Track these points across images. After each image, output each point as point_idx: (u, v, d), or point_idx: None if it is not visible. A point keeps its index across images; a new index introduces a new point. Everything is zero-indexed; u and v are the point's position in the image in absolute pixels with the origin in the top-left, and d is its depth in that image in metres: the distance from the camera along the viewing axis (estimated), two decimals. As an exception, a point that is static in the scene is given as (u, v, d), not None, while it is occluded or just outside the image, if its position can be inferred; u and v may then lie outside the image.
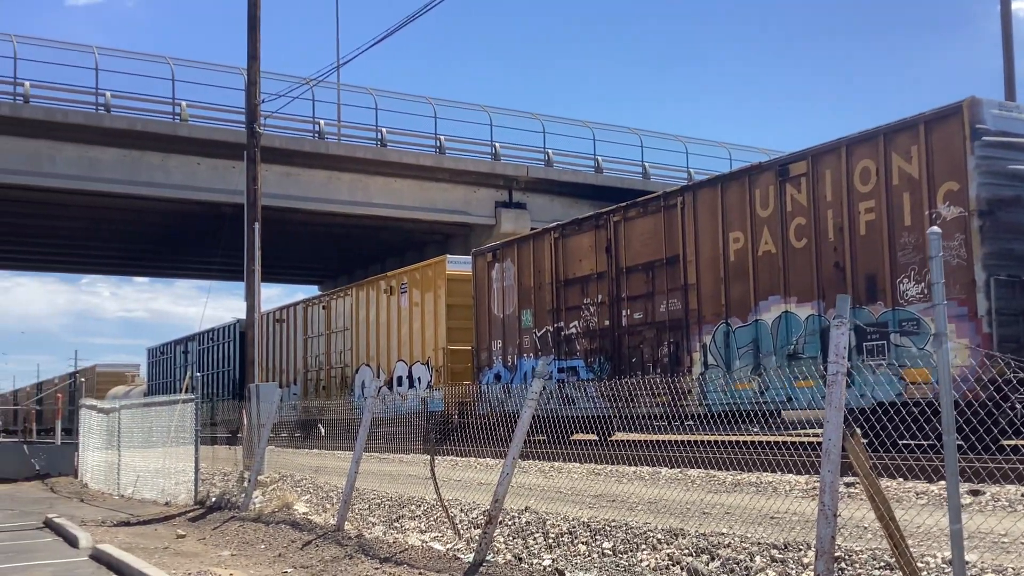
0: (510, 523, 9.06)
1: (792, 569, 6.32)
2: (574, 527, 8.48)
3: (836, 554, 5.94)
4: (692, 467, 12.52)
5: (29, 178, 29.94)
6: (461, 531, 9.22)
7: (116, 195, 31.87)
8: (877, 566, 5.99)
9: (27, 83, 29.71)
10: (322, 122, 33.70)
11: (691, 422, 16.90)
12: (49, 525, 13.12)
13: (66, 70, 33.60)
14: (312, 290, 50.04)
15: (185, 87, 32.01)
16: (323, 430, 22.31)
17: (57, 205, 33.55)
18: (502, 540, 8.54)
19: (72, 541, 11.41)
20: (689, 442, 15.96)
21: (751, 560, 6.63)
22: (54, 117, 29.63)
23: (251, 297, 17.02)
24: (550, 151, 37.38)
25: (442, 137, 35.50)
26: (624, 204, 18.51)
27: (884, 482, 9.61)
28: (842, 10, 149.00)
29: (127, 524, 13.31)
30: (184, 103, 31.73)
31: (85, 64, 30.79)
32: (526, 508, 9.54)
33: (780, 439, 14.34)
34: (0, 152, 29.35)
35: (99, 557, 10.00)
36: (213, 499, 14.64)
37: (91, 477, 20.78)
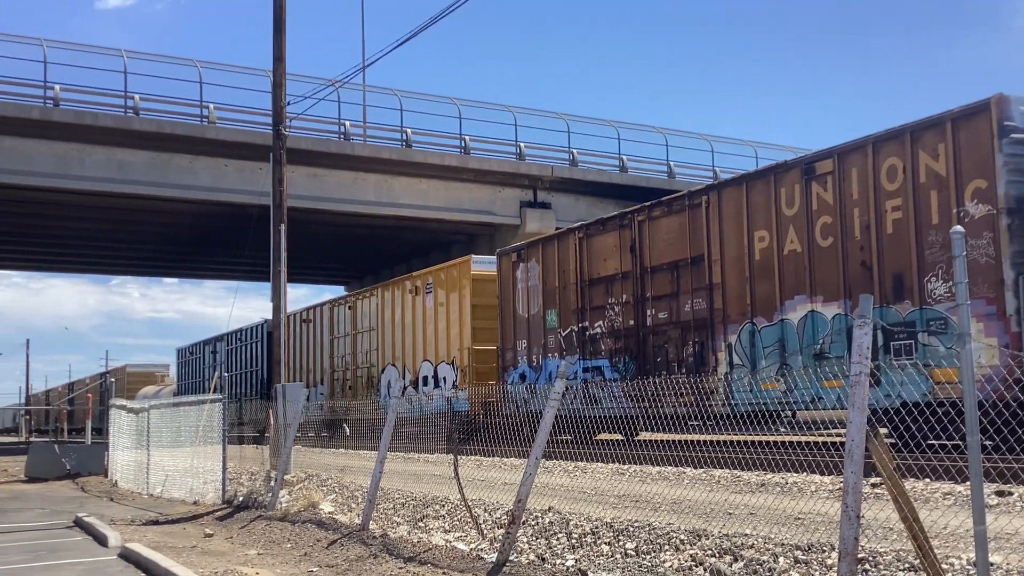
0: (534, 523, 9.08)
1: (816, 570, 6.29)
2: (597, 527, 8.48)
3: (860, 555, 5.91)
4: (717, 467, 12.48)
5: (59, 180, 30.33)
6: (485, 531, 9.25)
7: (145, 197, 32.24)
8: (901, 567, 5.95)
9: (57, 87, 30.11)
10: (347, 123, 33.89)
11: (717, 422, 16.84)
12: (79, 524, 13.27)
13: (95, 73, 33.99)
14: (339, 290, 50.35)
15: (212, 89, 32.37)
16: (347, 430, 22.42)
17: (87, 207, 33.97)
18: (525, 540, 8.56)
19: (101, 540, 11.53)
20: (715, 442, 15.92)
21: (775, 561, 6.61)
22: (84, 120, 30.01)
23: (277, 298, 17.15)
24: (575, 151, 37.38)
25: (467, 137, 35.59)
26: (648, 203, 18.47)
27: (910, 483, 9.55)
28: (867, 6, 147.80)
29: (156, 523, 13.45)
30: (212, 105, 32.05)
31: (114, 67, 31.18)
32: (550, 508, 9.55)
33: (807, 439, 14.26)
34: (31, 155, 29.77)
35: (128, 556, 10.11)
36: (240, 498, 14.76)
37: (121, 476, 21.00)
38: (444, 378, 24.41)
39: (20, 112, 29.18)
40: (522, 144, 36.46)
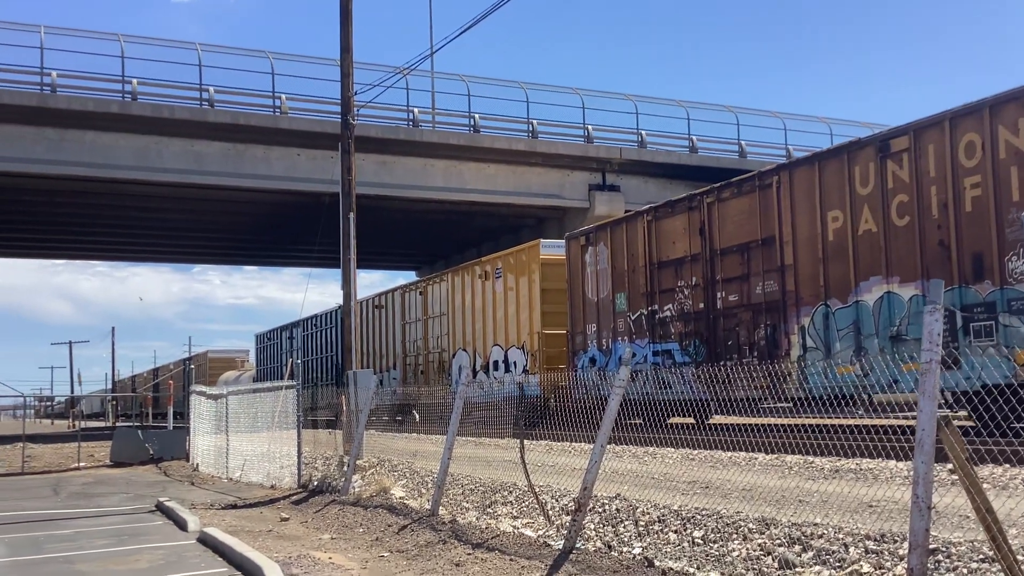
0: (601, 510, 9.07)
1: (887, 561, 6.17)
2: (664, 515, 8.43)
3: (932, 546, 5.77)
4: (789, 453, 12.30)
5: (139, 172, 31.16)
6: (552, 518, 9.27)
7: (221, 187, 32.94)
8: (975, 559, 5.79)
9: (135, 81, 30.87)
10: (416, 110, 34.08)
11: (792, 404, 16.58)
12: (160, 508, 13.68)
13: (170, 67, 34.69)
14: (411, 275, 50.81)
15: (284, 80, 32.84)
16: (416, 416, 22.65)
17: (166, 198, 34.83)
18: (592, 527, 8.56)
19: (181, 524, 11.87)
20: (787, 426, 15.68)
21: (845, 551, 6.49)
22: (161, 113, 30.75)
23: (347, 285, 17.37)
24: (643, 132, 37.03)
25: (535, 121, 35.52)
26: (718, 185, 18.21)
27: (988, 468, 9.28)
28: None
29: (234, 507, 13.79)
30: (284, 96, 32.54)
31: (189, 60, 31.83)
32: (617, 495, 9.53)
33: (882, 423, 13.96)
34: (111, 148, 30.63)
35: (206, 540, 10.39)
36: (315, 483, 15.05)
37: (201, 461, 21.56)
38: (514, 363, 24.49)
39: (100, 107, 30.01)
40: (590, 127, 36.25)
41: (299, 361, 17.49)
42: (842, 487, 8.74)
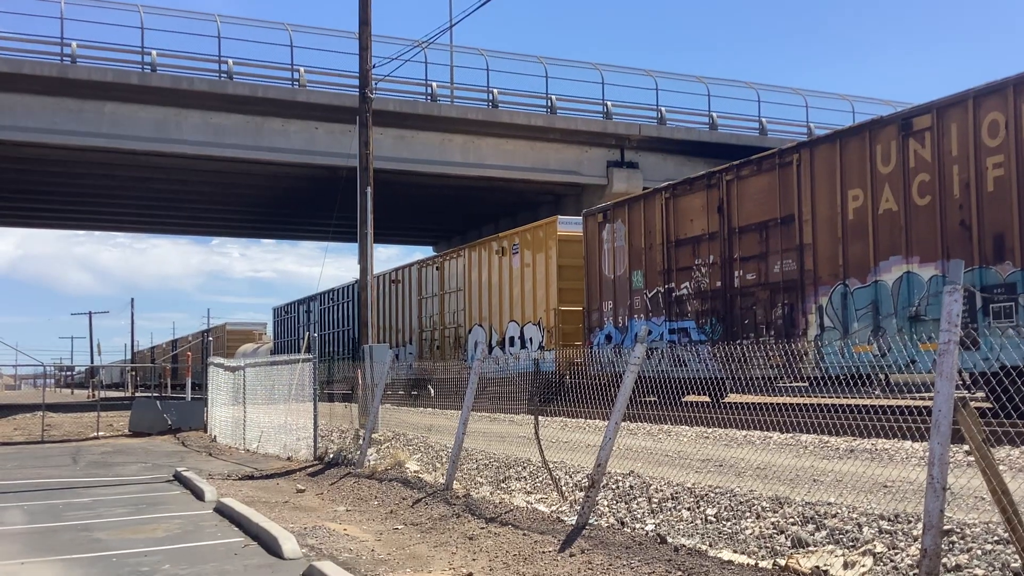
0: (614, 487, 9.08)
1: (901, 541, 6.15)
2: (678, 492, 8.44)
3: (946, 527, 5.75)
4: (805, 432, 12.26)
5: (158, 144, 31.25)
6: (566, 493, 9.30)
7: (240, 160, 33.00)
8: (990, 540, 5.77)
9: (154, 52, 30.89)
10: (434, 84, 33.98)
11: (809, 383, 16.53)
12: (178, 478, 13.81)
13: (190, 38, 34.80)
14: (428, 251, 50.86)
15: (303, 52, 32.89)
16: (432, 391, 22.72)
17: (185, 170, 34.94)
18: (606, 504, 8.58)
19: (199, 494, 11.99)
20: (803, 406, 15.63)
21: (859, 531, 6.48)
22: (180, 85, 30.78)
23: (364, 260, 17.41)
24: (663, 108, 36.79)
25: (553, 97, 35.34)
26: (737, 162, 18.09)
27: (1006, 450, 9.23)
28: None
29: (251, 478, 13.91)
30: (302, 69, 32.50)
31: (208, 32, 31.85)
32: (631, 472, 9.54)
33: (899, 403, 13.89)
34: (130, 120, 30.71)
35: (222, 510, 10.48)
36: (331, 455, 15.15)
37: (219, 432, 21.74)
38: (530, 339, 24.51)
39: (120, 78, 30.07)
40: (609, 103, 36.05)
41: (316, 335, 17.52)
42: (857, 467, 8.72)
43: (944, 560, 5.46)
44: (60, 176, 35.77)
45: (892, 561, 5.85)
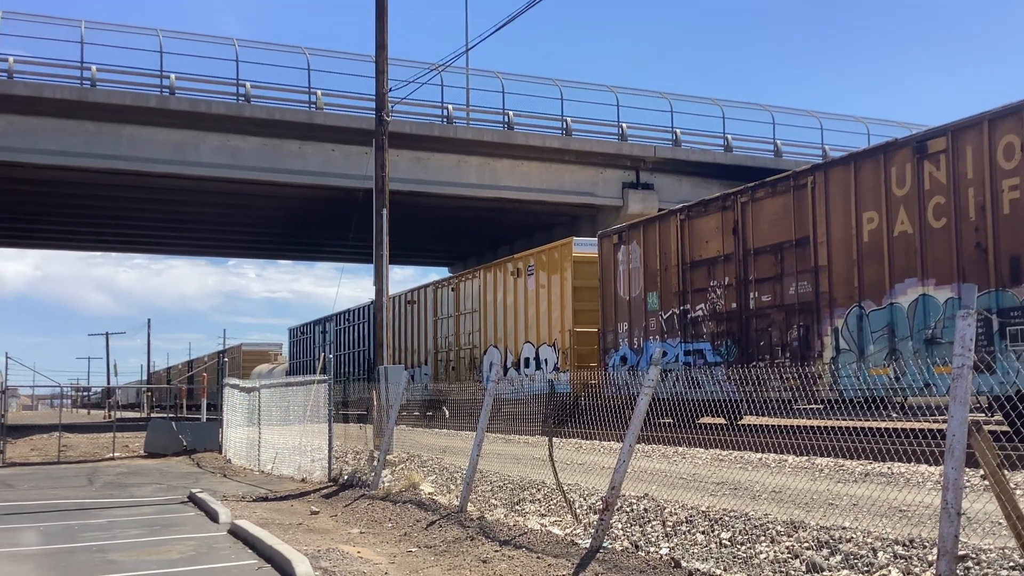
0: (628, 510, 9.06)
1: (916, 566, 6.11)
2: (692, 515, 8.41)
3: (961, 552, 5.72)
4: (820, 455, 12.20)
5: (176, 167, 31.50)
6: (580, 516, 9.28)
7: (257, 182, 33.20)
8: (1006, 566, 5.73)
9: (173, 75, 31.18)
10: (450, 107, 34.14)
11: (824, 406, 16.45)
12: (192, 500, 13.86)
13: (208, 62, 34.98)
14: (443, 272, 50.96)
15: (319, 76, 33.01)
16: (447, 412, 22.72)
17: (203, 192, 35.18)
18: (620, 527, 8.56)
19: (213, 516, 12.02)
20: (819, 428, 15.55)
21: (873, 556, 6.45)
22: (198, 108, 31.04)
23: (379, 281, 17.48)
24: (678, 130, 36.84)
25: (568, 119, 35.45)
26: (752, 184, 18.10)
27: (1021, 475, 9.16)
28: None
29: (265, 500, 13.93)
30: (319, 92, 32.73)
31: (226, 56, 32.11)
32: (645, 495, 9.52)
33: (915, 426, 13.80)
34: (149, 143, 30.99)
35: (236, 532, 10.51)
36: (345, 477, 15.16)
37: (234, 453, 21.79)
38: (545, 360, 24.50)
39: (139, 101, 30.37)
40: (624, 124, 36.14)
41: (331, 355, 17.60)
42: (872, 491, 8.68)
43: (960, 586, 5.43)
44: (79, 198, 36.10)
45: (907, 586, 5.81)
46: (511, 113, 34.78)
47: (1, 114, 29.18)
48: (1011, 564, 5.73)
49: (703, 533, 7.90)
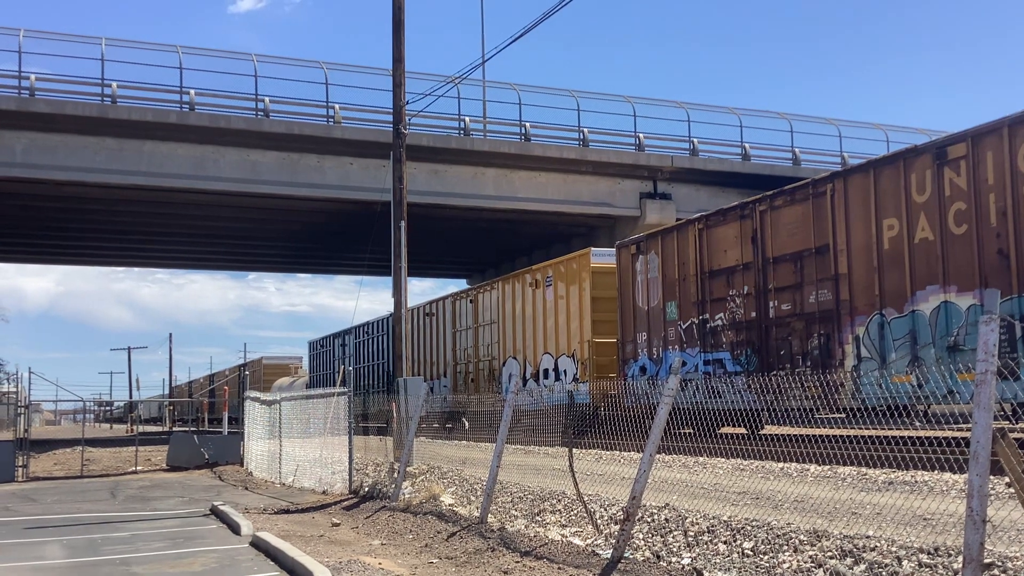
0: (650, 520, 9.03)
1: (942, 574, 6.06)
2: (714, 525, 8.37)
3: (987, 560, 5.66)
4: (843, 464, 12.12)
5: (196, 182, 31.71)
6: (601, 527, 9.25)
7: (276, 196, 33.39)
8: (1033, 575, 5.67)
9: (192, 91, 31.43)
10: (467, 119, 34.24)
11: (846, 415, 16.34)
12: (215, 512, 13.90)
13: (227, 77, 35.24)
14: (462, 283, 50.99)
15: (337, 90, 33.19)
16: (466, 424, 22.71)
17: (223, 206, 35.40)
18: (641, 537, 8.52)
19: (235, 528, 12.06)
20: (841, 437, 15.44)
21: (898, 565, 6.40)
22: (218, 123, 31.27)
23: (398, 293, 17.52)
24: (695, 139, 36.78)
25: (585, 129, 35.47)
26: (770, 193, 18.05)
27: (1050, 483, 9.05)
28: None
29: (286, 512, 13.97)
30: (337, 106, 32.90)
31: (244, 71, 32.36)
32: (666, 505, 9.48)
33: (938, 434, 13.69)
34: (169, 158, 31.24)
35: (258, 544, 10.54)
36: (366, 489, 15.18)
37: (255, 466, 21.86)
38: (564, 371, 24.47)
39: (159, 117, 30.62)
40: (641, 135, 36.12)
41: (351, 368, 17.70)
42: (896, 499, 8.61)
43: (986, 594, 5.37)
44: (100, 214, 36.41)
45: (933, 595, 5.76)
46: (528, 124, 34.85)
47: (23, 131, 29.50)
48: (1038, 572, 5.67)
49: (725, 543, 7.86)
